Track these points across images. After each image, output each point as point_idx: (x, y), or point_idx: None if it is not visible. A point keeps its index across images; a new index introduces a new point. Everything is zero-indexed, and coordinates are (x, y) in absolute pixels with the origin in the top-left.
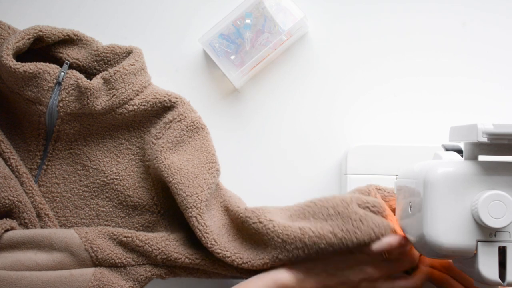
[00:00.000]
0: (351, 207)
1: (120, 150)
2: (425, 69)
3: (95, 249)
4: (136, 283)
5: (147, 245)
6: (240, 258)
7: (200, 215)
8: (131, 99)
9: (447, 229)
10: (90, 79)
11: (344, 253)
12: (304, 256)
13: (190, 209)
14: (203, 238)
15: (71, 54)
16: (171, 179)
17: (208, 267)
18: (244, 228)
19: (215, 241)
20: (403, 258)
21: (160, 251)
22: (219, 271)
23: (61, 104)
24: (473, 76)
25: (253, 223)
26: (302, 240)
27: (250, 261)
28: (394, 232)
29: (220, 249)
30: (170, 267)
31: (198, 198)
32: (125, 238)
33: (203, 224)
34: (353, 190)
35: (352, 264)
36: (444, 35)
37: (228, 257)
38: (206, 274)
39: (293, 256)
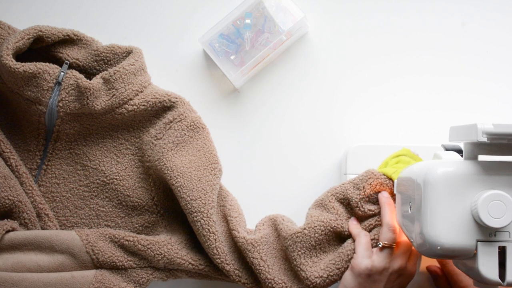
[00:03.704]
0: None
1: (119, 150)
2: (424, 69)
3: (96, 251)
4: (137, 285)
5: (149, 250)
6: (239, 276)
7: (204, 219)
8: (130, 99)
9: (447, 229)
10: (90, 79)
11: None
12: None
13: (195, 214)
14: (205, 245)
15: (71, 54)
16: (174, 182)
17: (211, 273)
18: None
19: (217, 250)
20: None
21: (162, 255)
22: (222, 277)
23: (60, 104)
24: (473, 76)
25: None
26: None
27: (248, 283)
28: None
29: (221, 260)
30: (171, 270)
31: (202, 202)
32: (126, 242)
33: (207, 230)
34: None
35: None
36: (444, 35)
37: (227, 270)
38: (207, 277)
39: None
